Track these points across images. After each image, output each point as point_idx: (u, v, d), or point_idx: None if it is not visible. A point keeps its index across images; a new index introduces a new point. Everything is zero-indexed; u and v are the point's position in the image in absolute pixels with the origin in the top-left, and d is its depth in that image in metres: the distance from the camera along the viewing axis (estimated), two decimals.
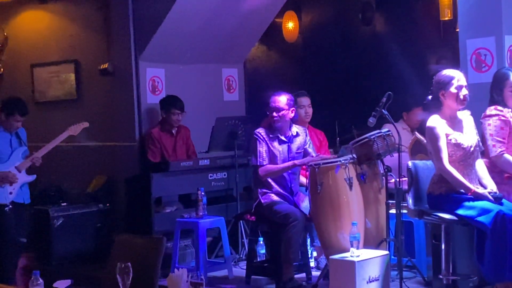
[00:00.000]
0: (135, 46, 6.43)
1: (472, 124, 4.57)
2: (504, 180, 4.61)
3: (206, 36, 6.67)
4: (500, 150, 4.55)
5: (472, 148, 4.48)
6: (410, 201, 4.75)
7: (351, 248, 4.60)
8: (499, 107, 4.62)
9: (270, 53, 8.41)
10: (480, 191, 4.38)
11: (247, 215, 5.49)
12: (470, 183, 4.43)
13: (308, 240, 5.63)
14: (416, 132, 6.06)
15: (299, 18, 8.11)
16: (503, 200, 4.35)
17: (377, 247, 4.90)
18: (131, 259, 2.94)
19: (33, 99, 7.14)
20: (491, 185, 4.48)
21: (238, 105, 7.28)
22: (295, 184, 5.42)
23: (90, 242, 6.31)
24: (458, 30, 5.48)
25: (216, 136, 6.37)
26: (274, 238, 5.35)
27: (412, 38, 7.25)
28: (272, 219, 5.22)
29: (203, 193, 5.64)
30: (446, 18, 6.86)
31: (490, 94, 4.73)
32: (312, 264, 5.65)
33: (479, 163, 4.57)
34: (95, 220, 6.40)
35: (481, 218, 4.27)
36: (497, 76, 4.76)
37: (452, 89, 4.45)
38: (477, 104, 4.70)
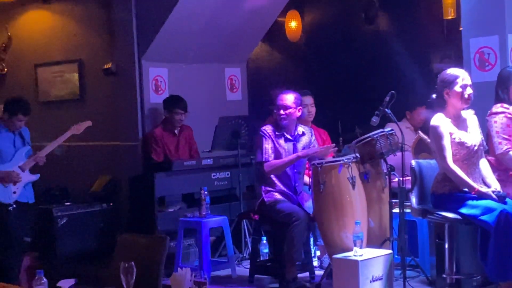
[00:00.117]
0: (138, 46, 6.44)
1: (476, 123, 4.57)
2: (509, 178, 4.61)
3: (209, 36, 6.67)
4: (506, 147, 4.54)
5: (476, 147, 4.48)
6: (414, 200, 4.74)
7: (354, 247, 4.60)
8: (505, 105, 4.62)
9: (273, 52, 8.41)
10: (484, 190, 4.37)
11: (251, 213, 5.50)
12: (474, 182, 4.43)
13: (311, 239, 5.63)
14: (419, 131, 6.05)
15: (302, 18, 8.10)
16: (507, 199, 4.35)
17: (380, 246, 4.90)
18: (135, 259, 2.95)
19: (36, 99, 7.15)
20: (494, 184, 4.48)
21: (241, 104, 7.28)
22: (300, 183, 5.42)
23: (94, 241, 6.31)
24: (461, 29, 5.48)
25: (219, 136, 6.38)
26: (277, 237, 5.35)
27: (415, 37, 7.24)
28: (275, 218, 5.22)
29: (206, 192, 5.65)
30: (450, 17, 6.85)
31: (495, 92, 4.73)
32: (315, 263, 5.65)
33: (483, 162, 4.57)
34: (98, 219, 6.40)
35: (484, 217, 4.27)
36: (502, 74, 4.76)
37: (457, 88, 4.45)
38: (480, 103, 4.69)
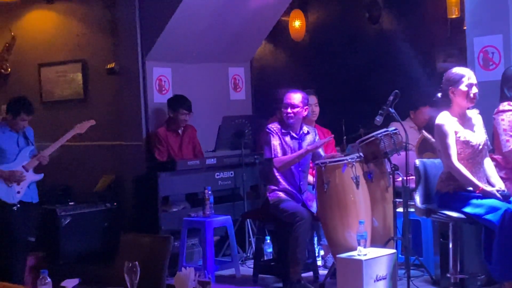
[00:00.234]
0: (142, 45, 6.44)
1: (481, 123, 4.57)
2: None
3: (213, 35, 6.67)
4: None
5: (480, 146, 4.47)
6: (418, 199, 4.74)
7: (358, 247, 4.60)
8: None
9: (277, 52, 8.41)
10: (488, 189, 4.37)
11: (255, 213, 5.50)
12: (478, 181, 4.42)
13: (315, 238, 5.63)
14: (423, 131, 6.05)
15: (306, 17, 8.09)
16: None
17: (384, 246, 4.90)
18: (139, 258, 2.95)
19: (40, 99, 7.16)
20: (499, 183, 4.47)
21: (244, 104, 7.28)
22: (304, 182, 5.43)
23: (98, 241, 6.32)
24: (465, 28, 5.47)
25: (223, 135, 6.38)
26: (281, 237, 5.35)
27: (419, 36, 7.23)
28: (279, 218, 5.22)
29: (210, 192, 5.65)
30: (454, 16, 6.84)
31: (500, 91, 4.72)
32: (319, 263, 5.65)
33: (487, 162, 4.57)
34: (102, 219, 6.41)
35: (489, 216, 4.27)
36: (508, 73, 4.75)
37: (462, 86, 4.45)
38: (484, 102, 4.69)
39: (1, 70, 7.45)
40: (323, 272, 5.43)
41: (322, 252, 5.78)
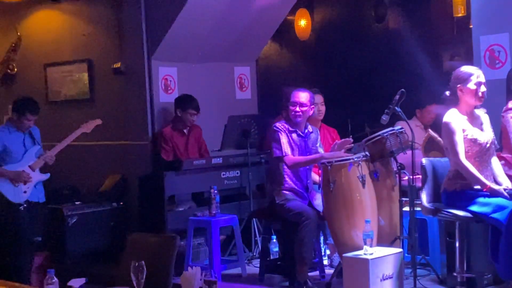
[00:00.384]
0: (148, 45, 6.44)
1: (488, 121, 4.56)
2: None
3: (218, 35, 6.67)
4: None
5: (488, 145, 4.47)
6: (424, 198, 4.73)
7: (365, 246, 4.59)
8: None
9: (283, 51, 8.40)
10: (495, 187, 4.36)
11: (261, 212, 5.50)
12: (486, 179, 4.41)
13: (322, 238, 5.62)
14: (429, 130, 6.04)
15: (312, 16, 8.09)
16: None
17: (390, 245, 4.89)
18: (145, 258, 2.95)
19: (46, 99, 7.17)
20: (506, 182, 4.46)
21: (250, 103, 7.28)
22: (310, 180, 5.44)
23: (104, 240, 6.33)
24: (471, 26, 5.46)
25: (229, 135, 6.38)
26: (287, 236, 5.35)
27: (425, 35, 7.21)
28: (285, 217, 5.22)
29: (216, 191, 5.64)
30: (460, 15, 6.82)
31: (507, 89, 4.72)
32: (325, 262, 5.64)
33: (495, 161, 4.56)
34: (108, 218, 6.42)
35: (496, 215, 4.26)
36: None
37: (471, 85, 4.45)
38: (491, 100, 4.68)
39: (7, 70, 7.47)
40: (329, 271, 5.43)
41: (328, 251, 5.78)
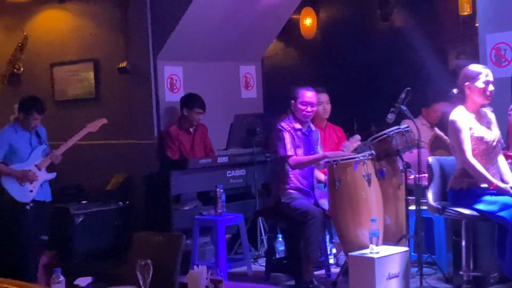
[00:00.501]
0: (153, 44, 6.45)
1: (495, 120, 4.56)
2: None
3: (224, 34, 6.67)
4: None
5: (494, 143, 4.46)
6: (430, 197, 4.72)
7: (371, 245, 4.59)
8: None
9: (288, 50, 8.40)
10: (502, 185, 4.35)
11: (267, 211, 5.50)
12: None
13: (327, 236, 5.62)
14: (435, 128, 6.02)
15: (317, 15, 8.09)
16: None
17: (396, 244, 4.88)
18: (151, 257, 2.95)
19: (52, 98, 7.19)
20: None
21: (256, 102, 7.28)
22: (314, 178, 5.44)
23: (110, 239, 6.34)
24: (477, 24, 5.44)
25: (235, 134, 6.38)
26: (292, 235, 5.34)
27: (431, 33, 7.20)
28: (291, 216, 5.22)
29: (221, 190, 5.65)
30: (466, 13, 6.81)
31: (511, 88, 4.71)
32: (331, 260, 5.64)
33: (501, 159, 4.55)
34: (115, 217, 6.43)
35: (502, 213, 4.25)
36: None
37: (479, 83, 4.44)
38: (496, 98, 4.67)
39: (13, 70, 7.49)
40: (335, 270, 5.42)
41: (334, 250, 5.77)
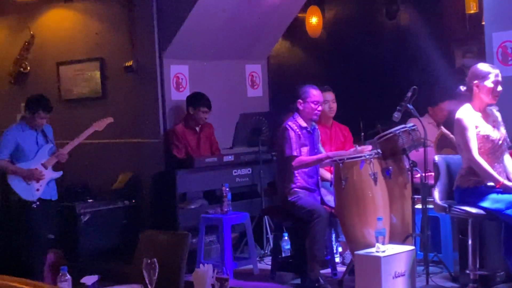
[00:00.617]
0: (159, 43, 6.46)
1: (500, 118, 4.55)
2: None
3: (230, 33, 6.67)
4: None
5: (500, 141, 4.46)
6: (437, 195, 4.72)
7: (377, 244, 4.58)
8: None
9: (294, 48, 8.39)
10: (509, 184, 4.34)
11: (273, 210, 5.50)
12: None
13: (333, 235, 5.62)
14: (442, 127, 6.01)
15: (323, 13, 8.07)
16: None
17: (403, 243, 4.88)
18: (157, 255, 2.96)
19: (59, 97, 7.20)
20: None
21: (261, 101, 7.28)
22: (319, 175, 5.44)
23: (116, 238, 6.35)
24: (484, 23, 5.43)
25: (240, 132, 6.38)
26: (298, 234, 5.34)
27: (437, 32, 7.18)
28: (297, 215, 5.22)
29: (227, 189, 5.65)
30: (472, 11, 6.79)
31: None
32: (337, 259, 5.64)
33: (507, 158, 4.54)
34: (121, 216, 6.44)
35: (509, 211, 4.25)
36: None
37: (488, 83, 4.44)
38: (503, 97, 4.66)
39: (20, 69, 7.51)
40: (341, 268, 5.42)
41: (340, 249, 5.77)
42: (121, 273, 3.70)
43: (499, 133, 4.47)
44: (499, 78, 4.46)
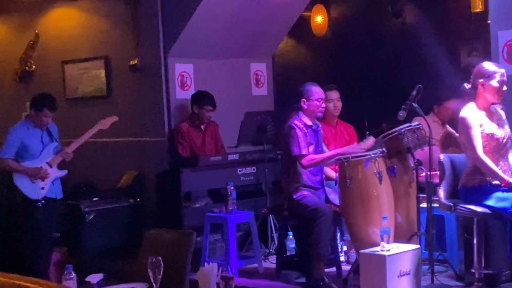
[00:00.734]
0: (164, 41, 6.46)
1: (505, 117, 4.54)
2: None
3: (235, 31, 6.67)
4: None
5: (505, 140, 4.45)
6: (442, 194, 4.71)
7: (382, 242, 4.57)
8: None
9: (299, 47, 8.38)
10: None
11: (279, 208, 5.50)
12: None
13: (338, 234, 5.61)
14: (447, 125, 5.99)
15: (328, 12, 8.05)
16: None
17: (408, 241, 4.87)
18: (161, 254, 2.96)
19: (64, 96, 7.21)
20: None
21: (266, 99, 7.27)
22: (323, 174, 5.44)
23: (121, 236, 6.36)
24: (489, 22, 5.42)
25: (245, 131, 6.38)
26: (303, 232, 5.34)
27: (442, 30, 7.16)
28: (301, 213, 5.21)
29: (232, 187, 5.65)
30: (478, 10, 6.77)
31: None
32: (342, 258, 5.63)
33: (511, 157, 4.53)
34: (125, 215, 6.45)
35: None
36: None
37: (494, 82, 4.43)
38: (508, 96, 4.65)
39: (25, 67, 7.53)
40: (346, 267, 5.42)
41: (345, 248, 5.76)
42: (126, 271, 3.70)
43: (504, 131, 4.47)
44: (505, 78, 4.46)
